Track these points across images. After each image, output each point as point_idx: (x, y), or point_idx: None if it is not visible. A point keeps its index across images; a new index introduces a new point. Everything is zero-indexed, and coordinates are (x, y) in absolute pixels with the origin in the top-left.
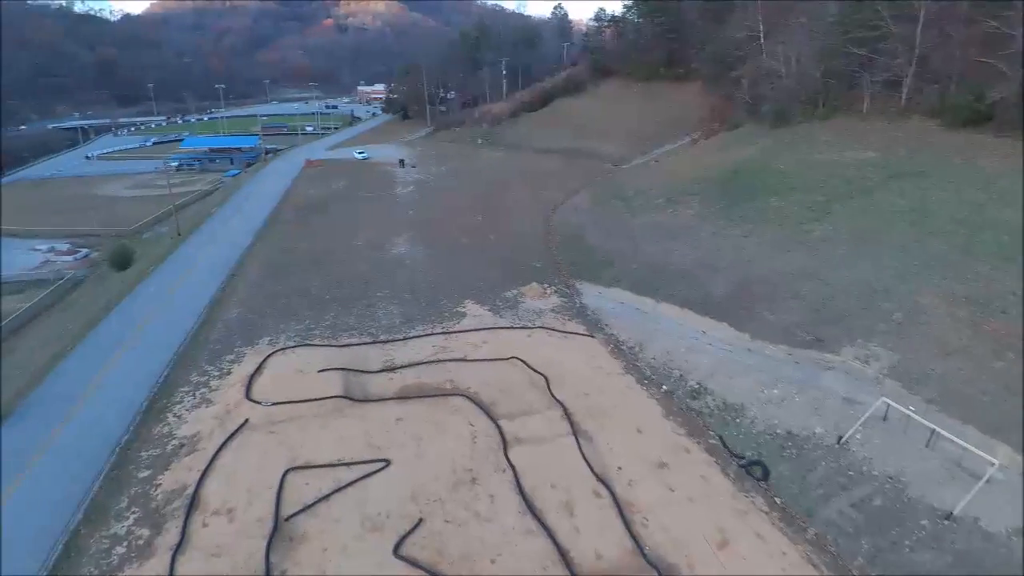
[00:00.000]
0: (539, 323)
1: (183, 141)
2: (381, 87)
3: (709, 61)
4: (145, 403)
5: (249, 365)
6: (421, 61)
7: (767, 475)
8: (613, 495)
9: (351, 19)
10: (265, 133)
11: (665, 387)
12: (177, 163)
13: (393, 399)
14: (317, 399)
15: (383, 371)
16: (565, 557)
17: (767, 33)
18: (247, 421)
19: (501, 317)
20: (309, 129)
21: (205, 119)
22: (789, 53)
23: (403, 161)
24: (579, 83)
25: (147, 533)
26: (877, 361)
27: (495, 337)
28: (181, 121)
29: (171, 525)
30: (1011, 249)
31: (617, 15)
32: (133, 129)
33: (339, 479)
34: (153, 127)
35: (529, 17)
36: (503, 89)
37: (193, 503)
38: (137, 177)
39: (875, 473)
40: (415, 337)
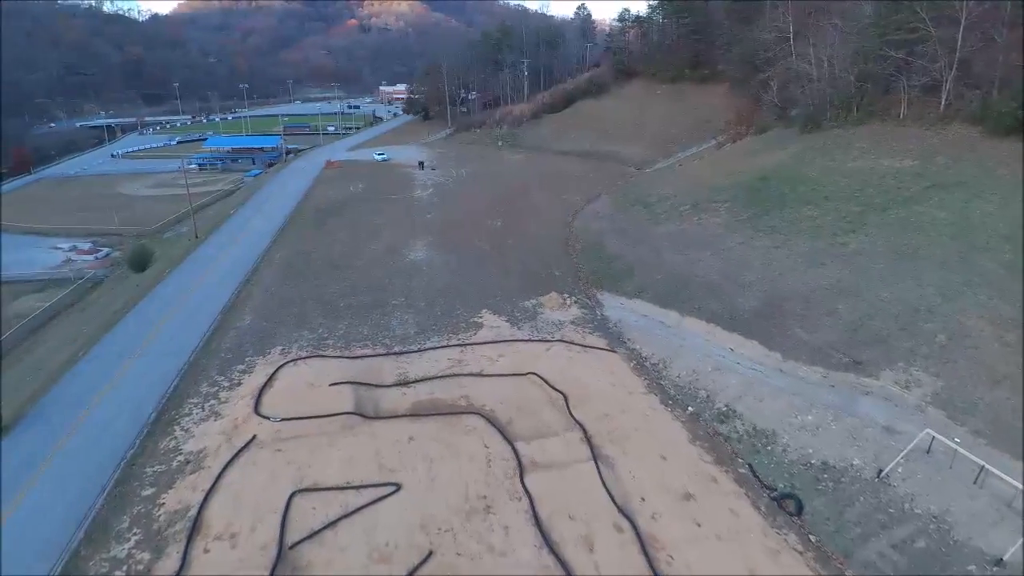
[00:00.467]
0: (558, 336)
1: (206, 141)
2: (403, 87)
3: (736, 62)
4: (153, 415)
5: (260, 376)
6: (442, 61)
7: (801, 510)
8: (636, 529)
9: (374, 19)
10: (287, 133)
11: (691, 409)
12: (199, 163)
13: (405, 416)
14: (327, 415)
15: (396, 385)
16: None
17: (797, 34)
18: (255, 437)
19: (519, 329)
20: (331, 129)
21: (229, 118)
22: (821, 55)
23: (423, 163)
24: (602, 84)
25: (147, 557)
26: (919, 387)
27: (512, 350)
28: (206, 120)
29: (172, 549)
30: None
31: (641, 15)
32: (158, 128)
33: (347, 503)
34: (178, 126)
35: (552, 17)
36: (525, 90)
37: (195, 526)
38: (160, 176)
39: (918, 512)
40: (430, 349)
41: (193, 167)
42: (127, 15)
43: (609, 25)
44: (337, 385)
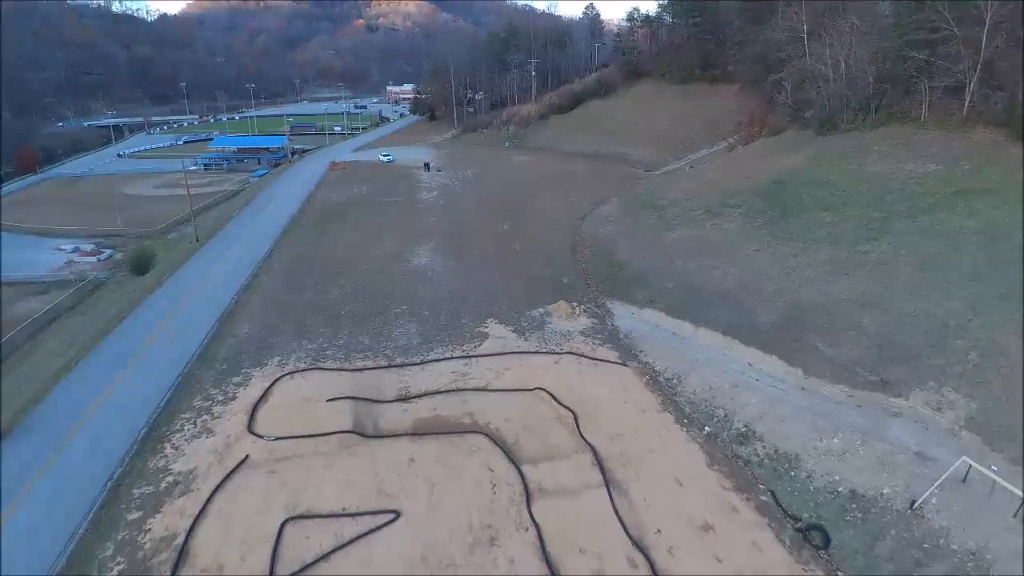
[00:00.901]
0: (567, 348)
1: (212, 141)
2: (410, 87)
3: (748, 63)
4: (144, 430)
5: (255, 390)
6: (449, 61)
7: (828, 543)
8: (652, 565)
9: (382, 19)
10: (293, 133)
11: (708, 428)
12: (205, 163)
13: (406, 435)
14: (324, 434)
15: (397, 400)
16: None
17: (811, 34)
18: (247, 457)
19: (526, 339)
20: (337, 129)
21: (236, 118)
22: (837, 55)
23: (428, 165)
24: (610, 85)
25: None
26: (952, 409)
27: (519, 363)
28: (213, 120)
29: None
30: None
31: (651, 15)
32: (166, 128)
33: (342, 533)
34: (185, 126)
35: (560, 17)
36: (532, 90)
37: (181, 556)
38: (166, 176)
39: (954, 547)
40: (433, 361)
41: (199, 167)
42: (136, 15)
43: (618, 25)
44: (335, 401)
